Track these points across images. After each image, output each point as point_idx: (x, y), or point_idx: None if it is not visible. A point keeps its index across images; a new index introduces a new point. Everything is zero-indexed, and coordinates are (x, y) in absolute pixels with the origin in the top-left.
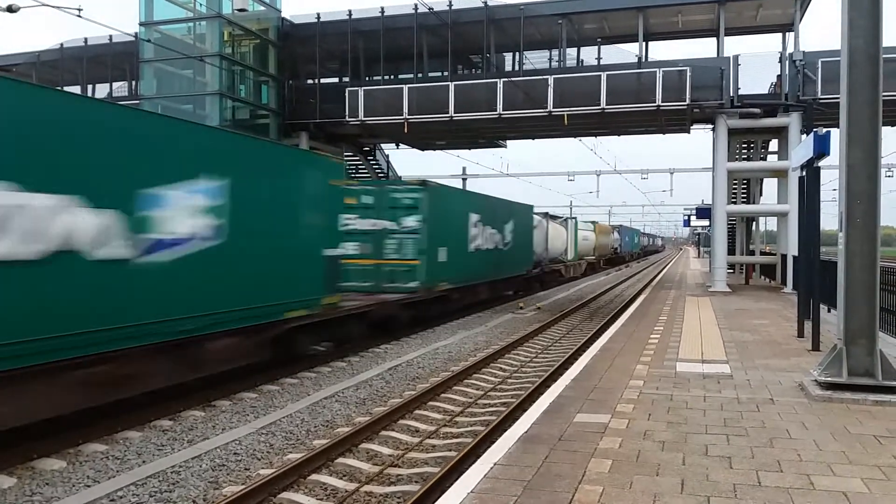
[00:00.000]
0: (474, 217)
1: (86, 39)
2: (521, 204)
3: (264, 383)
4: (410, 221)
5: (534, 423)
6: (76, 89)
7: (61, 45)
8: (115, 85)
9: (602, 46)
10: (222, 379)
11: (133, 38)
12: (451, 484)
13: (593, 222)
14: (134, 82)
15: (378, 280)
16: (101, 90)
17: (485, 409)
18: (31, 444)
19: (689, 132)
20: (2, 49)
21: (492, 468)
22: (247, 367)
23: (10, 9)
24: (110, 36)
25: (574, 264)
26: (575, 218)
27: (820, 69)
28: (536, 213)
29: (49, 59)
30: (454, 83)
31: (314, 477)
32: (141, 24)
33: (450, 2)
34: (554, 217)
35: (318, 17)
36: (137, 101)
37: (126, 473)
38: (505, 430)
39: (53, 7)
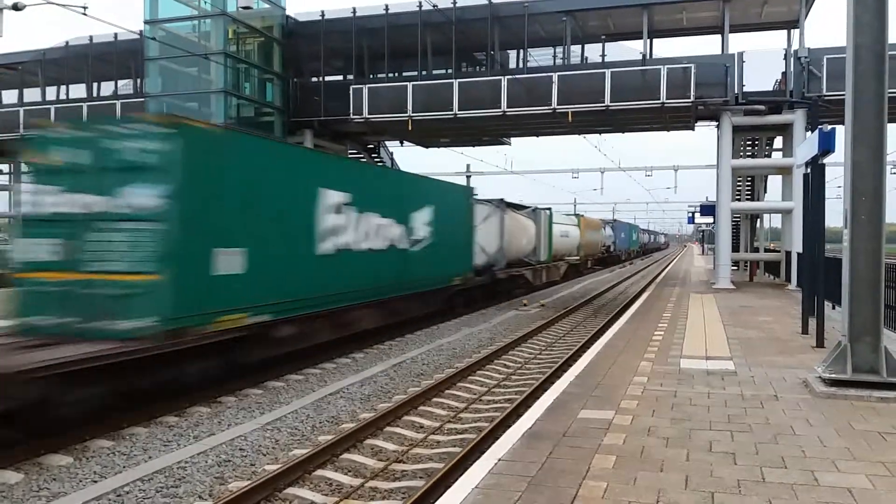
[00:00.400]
0: (335, 197)
1: (91, 38)
2: (449, 184)
3: (269, 380)
4: (140, 196)
5: (538, 420)
6: (81, 87)
7: (67, 43)
8: (121, 83)
9: (606, 44)
10: (228, 376)
11: (138, 37)
12: (456, 479)
13: (578, 215)
14: (139, 80)
15: (76, 313)
16: (106, 88)
17: (489, 405)
18: (37, 440)
19: (693, 129)
20: (8, 47)
21: (496, 464)
22: (254, 365)
23: (16, 6)
24: (115, 34)
25: (547, 267)
26: (549, 209)
27: (825, 66)
28: (484, 201)
29: (54, 57)
30: (458, 80)
31: (319, 472)
32: (146, 22)
33: None
34: (517, 207)
35: (323, 15)
36: (142, 99)
37: (132, 469)
38: (509, 427)
39: (59, 5)
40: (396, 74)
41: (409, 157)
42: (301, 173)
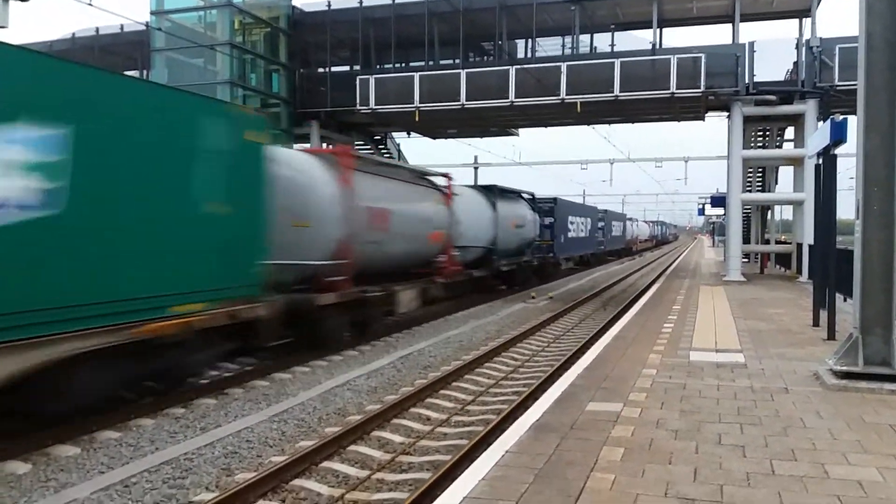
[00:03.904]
0: None
1: (97, 29)
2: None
3: (276, 372)
4: None
5: (545, 412)
6: None
7: (73, 34)
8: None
9: (615, 33)
10: (235, 367)
11: (144, 28)
12: (463, 472)
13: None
14: (145, 72)
15: None
16: None
17: (496, 397)
18: (45, 431)
19: (703, 119)
20: (13, 39)
21: (503, 456)
22: (258, 356)
23: None
24: (121, 25)
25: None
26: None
27: (837, 55)
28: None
29: (61, 48)
30: (466, 71)
31: (326, 464)
32: (152, 13)
33: None
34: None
35: (329, 5)
36: None
37: (139, 460)
38: (516, 419)
39: None
40: (403, 65)
41: (417, 149)
42: None
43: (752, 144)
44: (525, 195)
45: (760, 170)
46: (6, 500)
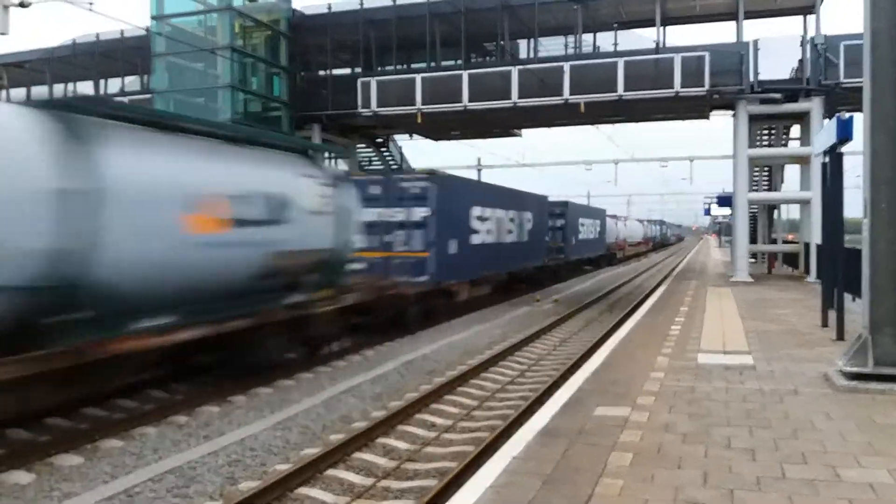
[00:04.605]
0: None
1: (98, 35)
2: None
3: (280, 378)
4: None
5: (553, 417)
6: (88, 84)
7: (73, 41)
8: (127, 80)
9: (619, 33)
10: (238, 374)
11: (144, 33)
12: (470, 479)
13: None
14: (146, 76)
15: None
16: (113, 85)
17: (502, 402)
18: (48, 441)
19: (708, 118)
20: (14, 45)
21: (510, 462)
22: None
23: (23, 4)
24: (122, 31)
25: None
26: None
27: (842, 53)
28: None
29: (62, 55)
30: (468, 72)
31: (331, 472)
32: (153, 18)
33: None
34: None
35: (329, 8)
36: (150, 95)
37: (143, 469)
38: (523, 425)
39: (65, 1)
40: (405, 66)
41: (419, 151)
42: None
43: (758, 143)
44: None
45: (767, 169)
46: None
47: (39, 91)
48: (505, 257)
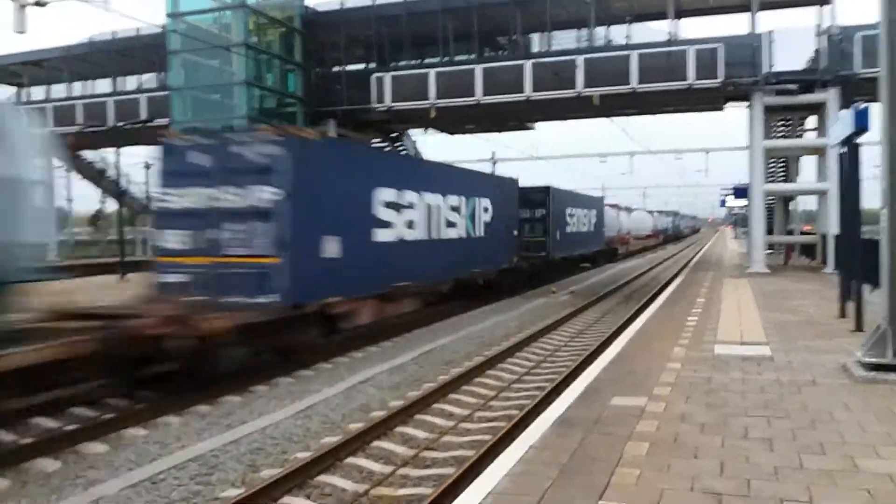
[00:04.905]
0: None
1: (114, 33)
2: None
3: (300, 369)
4: None
5: (569, 407)
6: (106, 82)
7: (90, 39)
8: (144, 77)
9: (632, 26)
10: (259, 364)
11: (160, 30)
12: (487, 467)
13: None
14: (162, 73)
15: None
16: (131, 82)
17: (519, 392)
18: (74, 430)
19: (722, 110)
20: (31, 44)
21: (527, 451)
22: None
23: (39, 3)
24: (138, 29)
25: None
26: None
27: (858, 43)
28: None
29: (79, 52)
30: (481, 66)
31: (350, 460)
32: (168, 16)
33: None
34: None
35: (342, 4)
36: (166, 93)
37: (166, 457)
38: (540, 414)
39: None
40: (418, 62)
41: (434, 145)
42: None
43: (774, 134)
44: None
45: (783, 160)
46: (37, 498)
47: (58, 89)
48: (444, 260)
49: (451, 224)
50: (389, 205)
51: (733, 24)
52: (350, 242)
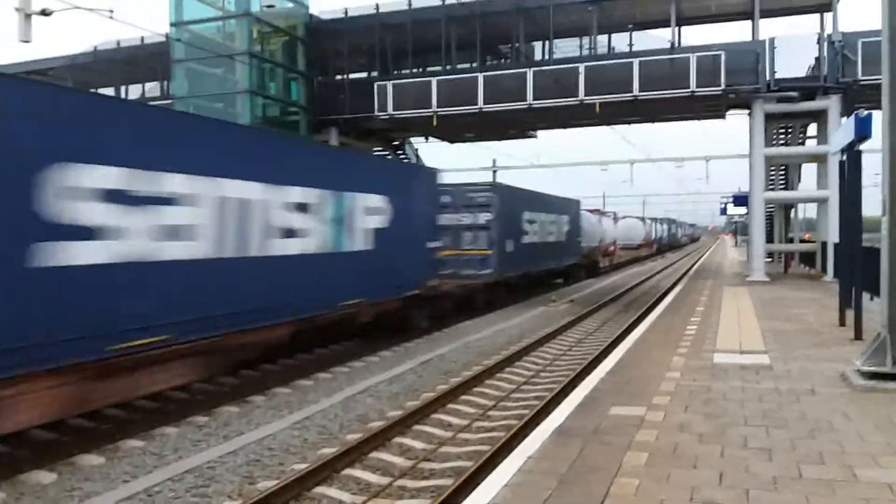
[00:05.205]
0: None
1: (118, 42)
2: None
3: (298, 378)
4: None
5: (568, 417)
6: (110, 91)
7: (95, 48)
8: (148, 86)
9: (633, 33)
10: (257, 375)
11: (164, 39)
12: (485, 478)
13: None
14: (166, 82)
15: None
16: (134, 91)
17: (518, 402)
18: (70, 441)
19: (724, 118)
20: (36, 52)
21: (526, 461)
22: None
23: (45, 12)
24: (142, 38)
25: None
26: None
27: (860, 50)
28: None
29: (83, 62)
30: (483, 74)
31: (348, 471)
32: (172, 25)
33: None
34: None
35: (346, 13)
36: (170, 101)
37: (163, 469)
38: (539, 424)
39: (86, 9)
40: (421, 70)
41: (434, 153)
42: None
43: (774, 142)
44: None
45: (783, 168)
46: None
47: None
48: (266, 290)
49: (290, 233)
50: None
51: (735, 32)
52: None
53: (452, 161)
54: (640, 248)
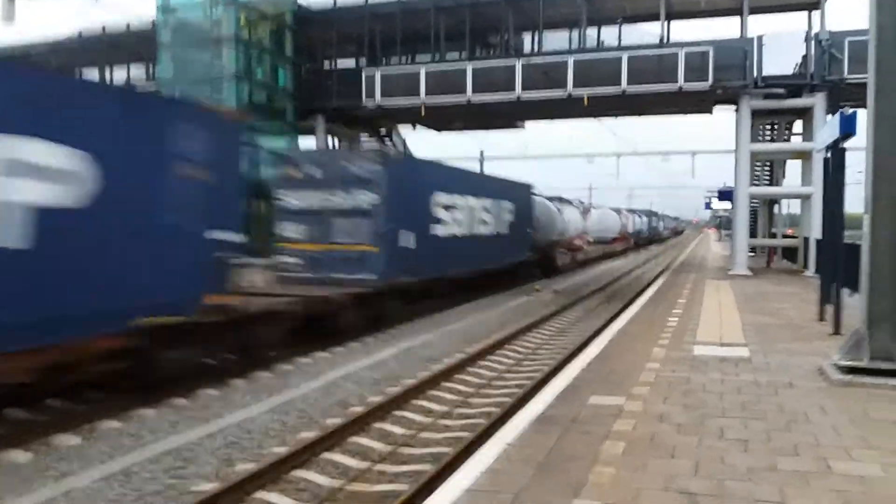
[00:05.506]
0: None
1: (104, 28)
2: None
3: (279, 363)
4: None
5: (548, 405)
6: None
7: (80, 33)
8: (133, 70)
9: (623, 27)
10: (238, 358)
11: (151, 24)
12: (464, 464)
13: None
14: (151, 67)
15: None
16: (118, 73)
17: (499, 390)
18: (46, 421)
19: (711, 113)
20: (21, 33)
21: (505, 448)
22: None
23: None
24: (128, 24)
25: None
26: None
27: (847, 49)
28: None
29: (69, 46)
30: (472, 65)
31: (327, 455)
32: (159, 9)
33: None
34: None
35: (335, 1)
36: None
37: (140, 450)
38: (519, 412)
39: None
40: (409, 59)
41: (422, 143)
42: None
43: (760, 138)
44: None
45: (768, 163)
46: (7, 489)
47: None
48: None
49: None
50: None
51: (723, 28)
52: None
53: (439, 150)
54: (614, 242)
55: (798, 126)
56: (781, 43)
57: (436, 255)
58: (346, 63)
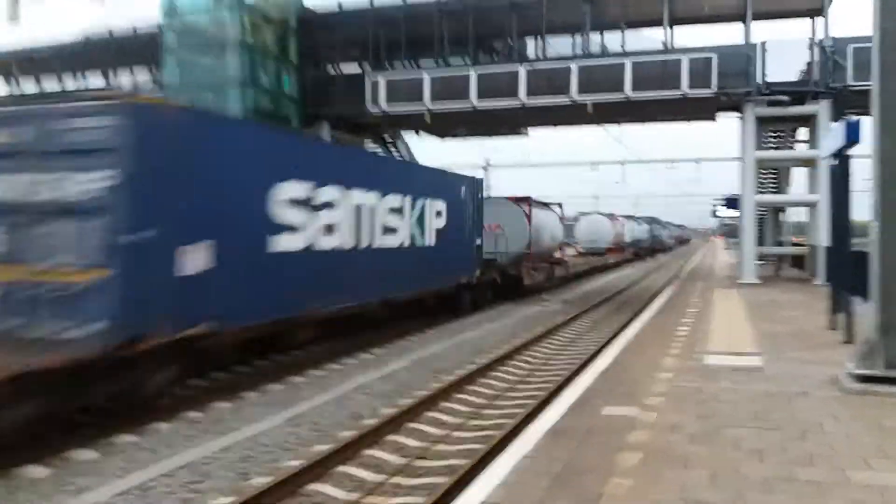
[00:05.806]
0: None
1: (111, 32)
2: None
3: (290, 375)
4: None
5: (561, 416)
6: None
7: (86, 37)
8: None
9: (626, 33)
10: (250, 371)
11: (156, 28)
12: (479, 476)
13: None
14: (156, 71)
15: None
16: (124, 77)
17: (512, 402)
18: (63, 436)
19: (715, 120)
20: (27, 36)
21: (520, 461)
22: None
23: None
24: (134, 29)
25: None
26: None
27: (850, 55)
28: None
29: (75, 50)
30: (476, 71)
31: (341, 469)
32: (164, 13)
33: None
34: None
35: (340, 6)
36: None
37: (156, 464)
38: (532, 423)
39: None
40: (413, 63)
41: (427, 149)
42: None
43: (765, 145)
44: None
45: (774, 171)
46: None
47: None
48: None
49: None
50: None
51: (727, 34)
52: None
53: (443, 157)
54: (608, 252)
55: (803, 133)
56: (785, 50)
57: (279, 284)
58: (350, 68)
